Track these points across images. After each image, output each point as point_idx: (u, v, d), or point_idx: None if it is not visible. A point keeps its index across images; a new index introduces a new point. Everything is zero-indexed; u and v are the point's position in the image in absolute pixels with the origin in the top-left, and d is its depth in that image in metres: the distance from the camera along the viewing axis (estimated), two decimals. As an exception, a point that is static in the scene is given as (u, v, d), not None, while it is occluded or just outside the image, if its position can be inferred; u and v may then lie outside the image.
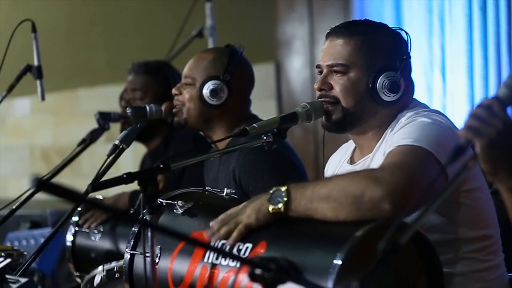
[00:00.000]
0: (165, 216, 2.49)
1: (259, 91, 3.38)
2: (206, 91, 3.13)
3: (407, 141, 2.30)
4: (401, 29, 2.60)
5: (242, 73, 3.20)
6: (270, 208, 2.21)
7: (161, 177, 2.30)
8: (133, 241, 2.50)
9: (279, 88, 5.55)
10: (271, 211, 2.21)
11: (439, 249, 2.20)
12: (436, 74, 4.58)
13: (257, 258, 2.08)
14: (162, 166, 2.30)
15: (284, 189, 2.21)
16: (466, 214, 2.40)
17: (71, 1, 6.44)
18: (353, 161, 2.63)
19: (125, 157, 3.26)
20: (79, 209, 3.43)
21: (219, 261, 2.25)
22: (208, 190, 2.61)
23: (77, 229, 3.49)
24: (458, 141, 1.81)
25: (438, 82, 4.59)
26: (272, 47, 5.55)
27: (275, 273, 1.89)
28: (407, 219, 2.05)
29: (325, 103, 2.53)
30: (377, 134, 2.53)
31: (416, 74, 2.62)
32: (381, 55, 2.52)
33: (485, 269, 2.43)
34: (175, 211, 2.47)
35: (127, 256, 2.50)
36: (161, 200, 2.51)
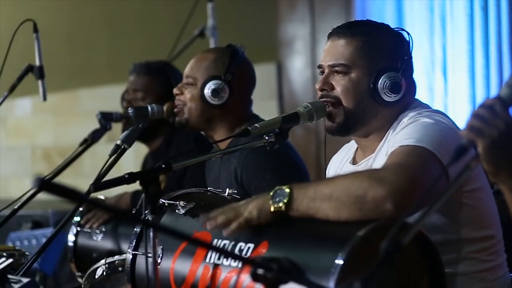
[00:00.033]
0: (167, 216, 2.49)
1: (260, 91, 3.38)
2: (207, 91, 3.13)
3: (409, 141, 2.30)
4: (403, 29, 2.59)
5: (243, 73, 3.19)
6: (271, 206, 2.21)
7: (163, 177, 2.30)
8: (135, 241, 2.50)
9: (281, 88, 5.55)
10: (273, 209, 2.21)
11: (441, 249, 2.20)
12: (437, 74, 4.58)
13: (259, 258, 2.09)
14: (164, 166, 2.30)
15: (286, 189, 2.21)
16: (468, 214, 2.41)
17: (73, 1, 6.44)
18: (356, 162, 2.63)
19: (127, 157, 3.25)
20: (80, 209, 3.43)
21: (221, 261, 2.25)
22: (210, 190, 2.61)
23: (79, 229, 3.48)
24: (460, 141, 1.81)
25: (439, 82, 4.58)
26: (273, 47, 5.55)
27: (277, 273, 1.89)
28: (409, 219, 2.05)
29: (327, 103, 2.53)
30: (379, 134, 2.53)
31: (417, 74, 2.62)
32: (382, 56, 2.51)
33: (487, 270, 2.43)
34: (177, 211, 2.47)
35: (129, 256, 2.50)
36: (163, 200, 2.51)
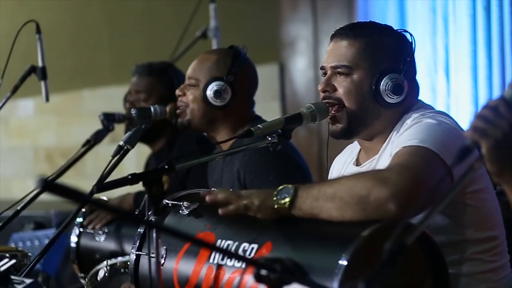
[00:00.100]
0: (171, 217, 2.49)
1: (263, 92, 3.38)
2: (209, 92, 3.12)
3: (412, 142, 2.30)
4: (405, 30, 2.59)
5: (245, 74, 3.19)
6: (275, 203, 2.21)
7: (165, 178, 2.29)
8: (138, 242, 2.50)
9: (283, 89, 5.55)
10: (276, 206, 2.21)
11: (445, 250, 2.20)
12: (440, 74, 4.58)
13: (262, 259, 2.08)
14: (167, 167, 2.30)
15: (291, 187, 2.21)
16: (472, 215, 2.40)
17: (75, 2, 6.44)
18: (359, 163, 2.63)
19: (129, 158, 3.25)
20: (83, 210, 3.43)
21: (224, 261, 2.25)
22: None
23: (81, 230, 3.48)
24: (464, 142, 1.81)
25: (442, 82, 4.59)
26: (276, 48, 5.55)
27: (281, 274, 1.89)
28: (413, 220, 2.05)
29: (329, 104, 2.53)
30: (383, 136, 2.53)
31: (419, 74, 2.62)
32: (385, 57, 2.51)
33: (491, 270, 2.43)
34: (180, 212, 2.47)
35: (132, 257, 2.50)
36: (167, 201, 2.51)
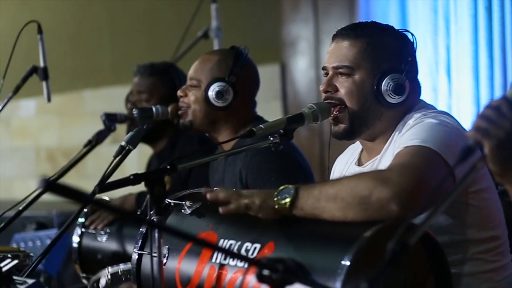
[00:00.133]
0: (173, 216, 2.49)
1: (264, 92, 3.38)
2: (211, 93, 3.12)
3: (414, 142, 2.30)
4: (407, 30, 2.59)
5: (247, 74, 3.19)
6: (276, 204, 2.21)
7: (167, 178, 2.29)
8: (141, 241, 2.50)
9: (284, 89, 5.55)
10: (277, 206, 2.21)
11: (447, 250, 2.20)
12: (441, 74, 4.58)
13: (264, 259, 2.08)
14: (169, 167, 2.30)
15: (292, 188, 2.21)
16: (474, 215, 2.40)
17: (77, 2, 6.45)
18: (361, 163, 2.63)
19: (131, 158, 3.25)
20: (85, 210, 3.44)
21: (227, 261, 2.25)
22: (216, 191, 2.61)
23: (83, 230, 3.49)
24: (466, 142, 1.81)
25: (443, 82, 4.59)
26: (277, 48, 5.55)
27: (283, 274, 1.89)
28: (415, 220, 2.05)
29: (331, 105, 2.53)
30: (385, 136, 2.53)
31: (421, 74, 2.62)
32: (386, 57, 2.51)
33: (493, 270, 2.43)
34: (183, 211, 2.47)
35: (135, 256, 2.50)
36: (169, 200, 2.51)
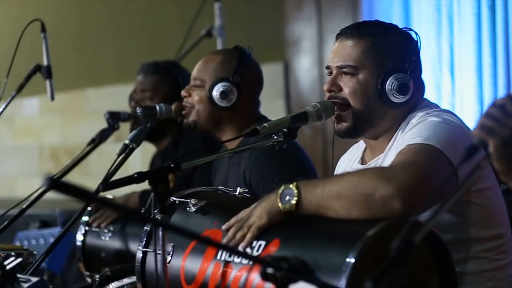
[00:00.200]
0: (178, 214, 2.49)
1: (267, 90, 3.37)
2: (216, 93, 3.12)
3: (417, 140, 2.30)
4: (411, 29, 2.58)
5: (251, 74, 3.19)
6: (281, 207, 2.21)
7: (171, 177, 2.29)
8: (145, 239, 2.50)
9: (288, 87, 5.55)
10: (283, 210, 2.21)
11: (451, 248, 2.20)
12: (445, 73, 4.57)
13: (269, 257, 2.08)
14: (173, 165, 2.30)
15: (293, 188, 2.21)
16: (477, 213, 2.40)
17: (80, 1, 6.44)
18: (364, 161, 2.62)
19: (134, 156, 3.26)
20: (89, 208, 3.44)
21: (232, 258, 2.25)
22: (220, 189, 2.61)
23: (87, 228, 3.49)
24: (471, 140, 1.81)
25: (447, 81, 4.58)
26: (280, 47, 5.55)
27: (287, 273, 1.89)
28: (420, 218, 2.05)
29: (335, 104, 2.53)
30: (388, 135, 2.53)
31: (424, 73, 2.61)
32: (390, 56, 2.51)
33: (497, 268, 2.43)
34: (188, 209, 2.47)
35: (139, 254, 2.50)
36: (174, 198, 2.51)
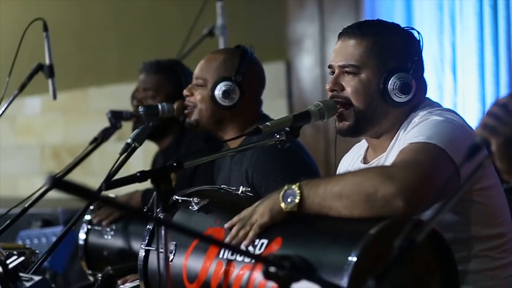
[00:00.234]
0: (181, 212, 2.49)
1: (269, 90, 3.37)
2: (218, 92, 3.12)
3: (419, 139, 2.30)
4: (413, 28, 2.58)
5: (253, 74, 3.19)
6: (283, 207, 2.21)
7: (173, 176, 2.29)
8: (148, 238, 2.50)
9: (290, 87, 5.55)
10: (285, 210, 2.22)
11: (453, 247, 2.20)
12: (447, 72, 4.58)
13: (271, 256, 2.08)
14: (175, 164, 2.30)
15: (296, 188, 2.21)
16: (480, 212, 2.40)
17: (82, 0, 6.45)
18: (367, 161, 2.62)
19: (136, 155, 3.25)
20: (91, 207, 3.44)
21: (234, 257, 2.25)
22: (223, 188, 2.61)
23: (89, 227, 3.49)
24: (473, 139, 1.81)
25: (449, 80, 4.58)
26: (282, 46, 5.55)
27: (289, 271, 1.89)
28: (422, 217, 2.05)
29: (337, 103, 2.53)
30: (390, 134, 2.53)
31: (426, 72, 2.61)
32: (392, 56, 2.51)
33: (499, 267, 2.42)
34: (190, 208, 2.47)
35: (141, 253, 2.51)
36: (177, 197, 2.51)
